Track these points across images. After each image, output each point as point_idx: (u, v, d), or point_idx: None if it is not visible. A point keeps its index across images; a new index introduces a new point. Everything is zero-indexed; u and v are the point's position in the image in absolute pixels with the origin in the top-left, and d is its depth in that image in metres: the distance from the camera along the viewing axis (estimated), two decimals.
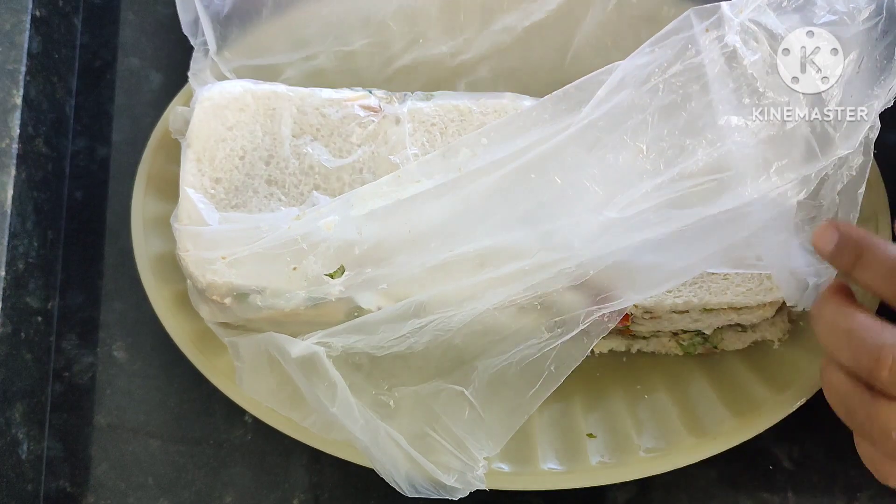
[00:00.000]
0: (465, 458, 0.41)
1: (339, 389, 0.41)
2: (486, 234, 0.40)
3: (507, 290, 0.40)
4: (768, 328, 0.50)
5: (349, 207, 0.43)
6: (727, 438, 0.48)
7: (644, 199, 0.38)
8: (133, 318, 0.57)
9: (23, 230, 0.54)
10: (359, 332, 0.41)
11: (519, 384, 0.41)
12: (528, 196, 0.40)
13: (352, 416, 0.41)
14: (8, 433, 0.51)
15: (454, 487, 0.41)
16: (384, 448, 0.41)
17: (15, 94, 0.54)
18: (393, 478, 0.41)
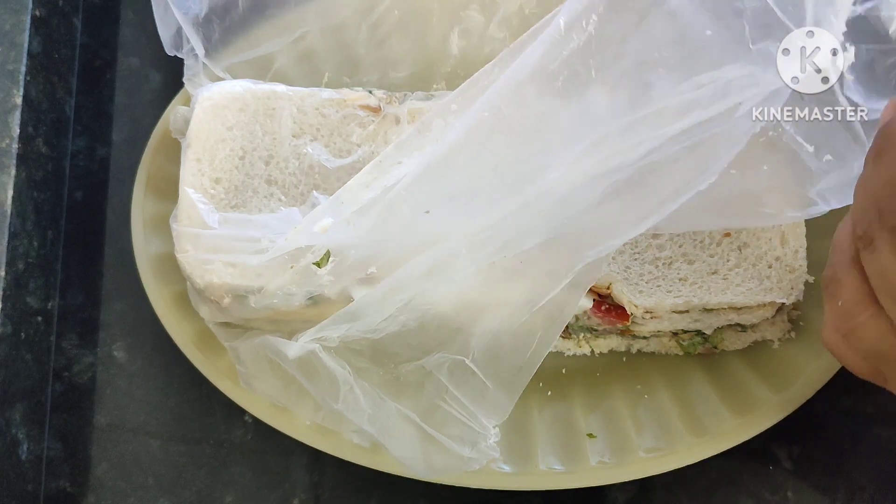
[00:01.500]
0: (477, 427, 0.41)
1: (341, 384, 0.41)
2: (471, 212, 0.39)
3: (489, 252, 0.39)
4: (768, 328, 0.50)
5: (340, 204, 0.43)
6: (727, 438, 0.48)
7: (620, 138, 0.36)
8: (133, 318, 0.57)
9: (23, 230, 0.54)
10: (348, 321, 0.41)
11: (516, 347, 0.40)
12: (507, 156, 0.39)
13: (358, 408, 0.41)
14: (8, 433, 0.51)
15: (471, 458, 0.41)
16: (397, 435, 0.41)
17: (15, 94, 0.54)
18: (410, 464, 0.41)
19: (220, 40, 0.53)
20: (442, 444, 0.40)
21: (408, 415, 0.41)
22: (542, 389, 0.52)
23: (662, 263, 0.47)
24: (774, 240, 0.47)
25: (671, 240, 0.47)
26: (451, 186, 0.39)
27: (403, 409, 0.41)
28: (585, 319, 0.50)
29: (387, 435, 0.42)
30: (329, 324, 0.41)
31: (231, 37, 0.53)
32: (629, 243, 0.47)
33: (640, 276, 0.47)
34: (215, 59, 0.53)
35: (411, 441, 0.41)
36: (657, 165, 0.37)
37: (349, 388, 0.42)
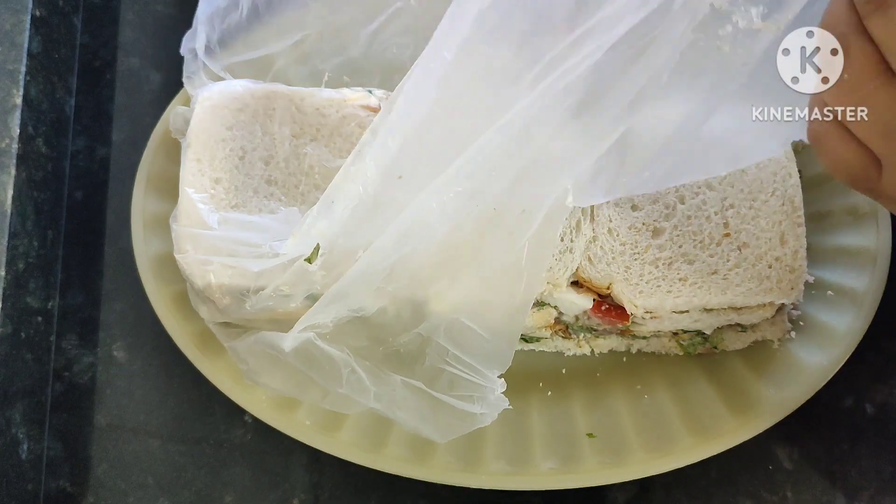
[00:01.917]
0: (482, 381, 0.41)
1: (341, 367, 0.41)
2: (437, 167, 0.39)
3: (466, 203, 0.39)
4: (768, 328, 0.50)
5: (331, 204, 0.42)
6: (727, 438, 0.48)
7: (564, 60, 0.35)
8: (133, 318, 0.57)
9: (23, 230, 0.54)
10: (337, 300, 0.41)
11: (505, 294, 0.40)
12: (461, 107, 0.38)
13: (362, 389, 0.41)
14: (8, 433, 0.51)
15: (482, 414, 0.41)
16: (406, 406, 0.41)
17: (15, 94, 0.54)
18: (423, 432, 0.42)
19: (220, 40, 0.52)
20: (452, 406, 0.41)
21: (413, 384, 0.41)
22: (542, 389, 0.52)
23: (662, 263, 0.47)
24: (774, 240, 0.47)
25: (671, 240, 0.47)
26: (416, 147, 0.39)
27: (408, 379, 0.41)
28: (585, 319, 0.50)
29: (395, 408, 0.42)
30: (319, 307, 0.41)
31: (230, 37, 0.53)
32: (629, 244, 0.47)
33: (640, 277, 0.47)
34: (215, 59, 0.53)
35: (421, 410, 0.41)
36: (607, 78, 0.36)
37: (350, 370, 0.42)
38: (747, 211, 0.47)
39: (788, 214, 0.47)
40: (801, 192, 0.48)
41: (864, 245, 0.50)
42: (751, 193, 0.48)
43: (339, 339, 0.42)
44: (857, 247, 0.51)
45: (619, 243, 0.47)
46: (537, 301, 0.48)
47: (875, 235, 0.50)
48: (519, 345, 0.54)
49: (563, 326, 0.51)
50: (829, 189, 0.52)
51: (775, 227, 0.47)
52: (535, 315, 0.49)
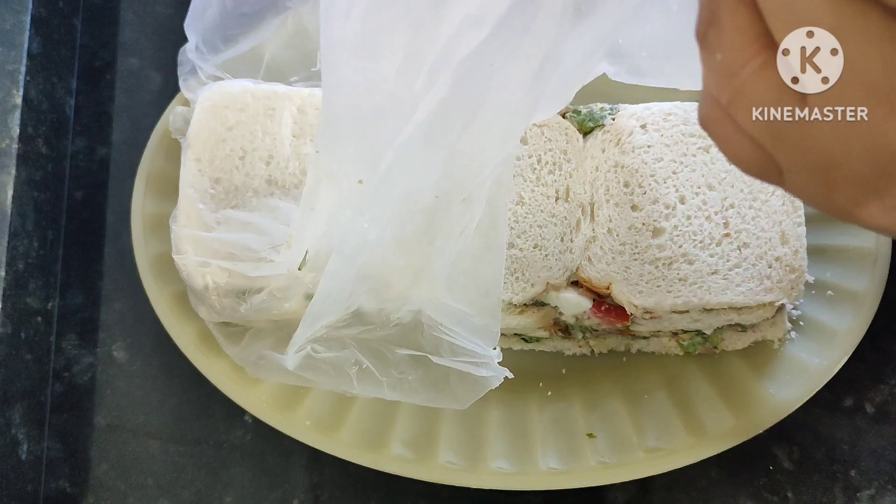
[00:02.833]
0: (479, 349, 0.41)
1: (348, 369, 0.42)
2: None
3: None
4: (768, 328, 0.50)
5: (310, 211, 0.43)
6: (727, 438, 0.48)
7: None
8: (133, 319, 0.57)
9: (23, 230, 0.54)
10: (314, 323, 0.41)
11: (474, 269, 0.40)
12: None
13: (374, 382, 0.42)
14: (8, 433, 0.51)
15: (490, 376, 0.41)
16: (420, 386, 0.42)
17: (15, 94, 0.54)
18: (443, 404, 0.42)
19: (205, 41, 0.52)
20: (460, 372, 0.41)
21: (418, 355, 0.42)
22: (542, 389, 0.52)
23: (662, 263, 0.47)
24: (775, 240, 0.47)
25: (671, 240, 0.47)
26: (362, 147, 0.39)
27: (413, 351, 0.42)
28: (585, 319, 0.50)
29: (411, 392, 0.42)
30: (301, 331, 0.41)
31: (213, 36, 0.52)
32: (629, 244, 0.47)
33: (639, 277, 0.47)
34: (205, 59, 0.52)
35: (434, 383, 0.42)
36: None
37: (358, 367, 0.42)
38: (747, 211, 0.47)
39: (789, 214, 0.47)
40: None
41: (864, 245, 0.50)
42: (751, 193, 0.48)
43: (338, 334, 0.42)
44: (857, 247, 0.51)
45: (619, 243, 0.47)
46: (537, 301, 0.48)
47: (875, 235, 0.50)
48: (519, 345, 0.54)
49: (563, 326, 0.51)
50: None
51: (775, 227, 0.47)
52: (534, 315, 0.49)
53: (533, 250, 0.47)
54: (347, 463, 0.49)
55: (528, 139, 0.49)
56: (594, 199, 0.48)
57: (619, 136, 0.49)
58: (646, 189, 0.48)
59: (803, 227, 0.47)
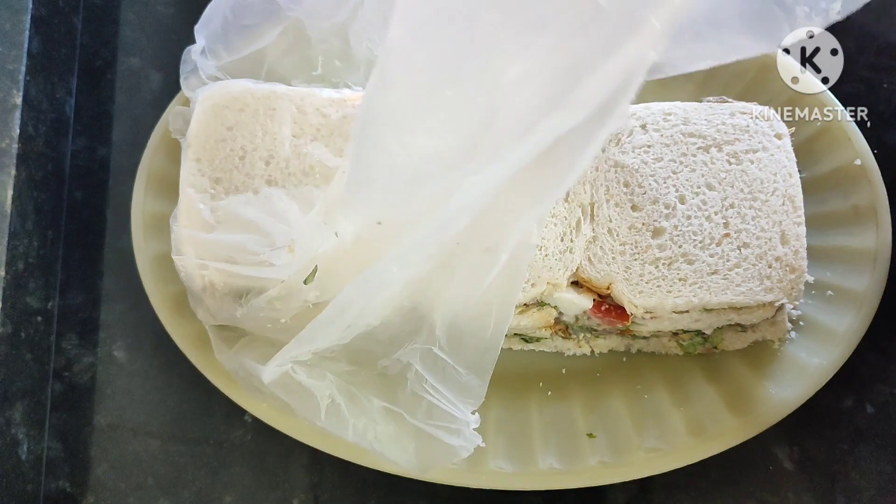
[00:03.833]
0: (458, 413, 0.41)
1: (320, 400, 0.42)
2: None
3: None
4: (768, 328, 0.50)
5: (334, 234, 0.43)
6: (727, 438, 0.48)
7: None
8: (133, 319, 0.57)
9: (23, 230, 0.54)
10: (306, 343, 0.41)
11: (475, 330, 0.40)
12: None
13: (341, 422, 0.41)
14: (8, 433, 0.51)
15: (460, 447, 0.41)
16: (386, 438, 0.41)
17: (15, 94, 0.54)
18: (403, 464, 0.42)
19: (209, 44, 0.52)
20: (430, 436, 0.41)
21: (394, 410, 0.41)
22: (542, 389, 0.52)
23: (662, 263, 0.47)
24: (775, 240, 0.47)
25: (671, 240, 0.47)
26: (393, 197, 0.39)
27: (390, 405, 0.41)
28: (585, 319, 0.50)
29: (375, 441, 0.42)
30: (288, 350, 0.41)
31: (219, 43, 0.52)
32: (629, 244, 0.47)
33: (640, 277, 0.47)
34: (207, 59, 0.52)
35: (401, 441, 0.41)
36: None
37: (330, 402, 0.42)
38: (747, 211, 0.47)
39: (789, 214, 0.47)
40: (801, 192, 0.48)
41: (864, 245, 0.50)
42: (751, 193, 0.48)
43: (321, 364, 0.42)
44: (857, 247, 0.51)
45: (619, 243, 0.47)
46: (537, 301, 0.48)
47: (875, 235, 0.50)
48: (519, 345, 0.54)
49: (563, 326, 0.51)
50: (829, 189, 0.52)
51: (775, 227, 0.47)
52: (535, 315, 0.49)
53: None
54: (347, 463, 0.49)
55: None
56: (594, 199, 0.48)
57: (619, 136, 0.49)
58: (646, 189, 0.48)
59: (803, 227, 0.47)
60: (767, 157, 0.48)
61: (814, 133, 0.53)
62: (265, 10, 0.51)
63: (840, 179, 0.52)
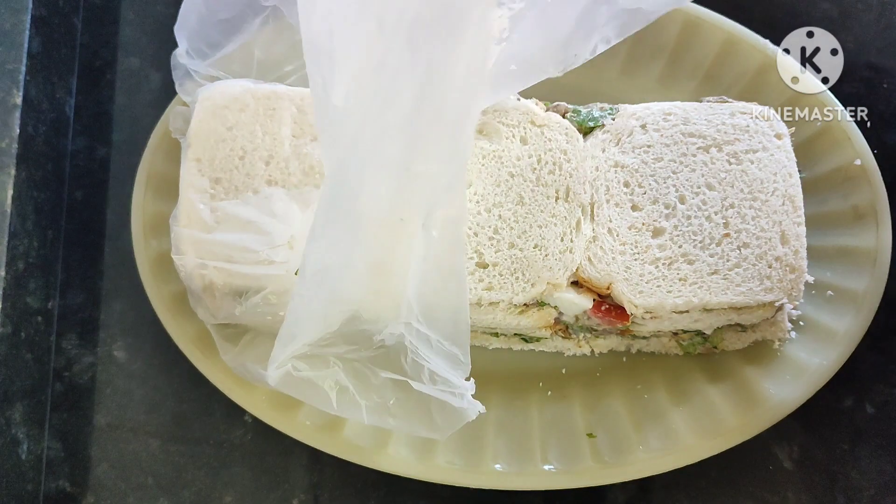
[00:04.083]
0: (456, 381, 0.41)
1: (328, 389, 0.42)
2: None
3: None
4: (768, 328, 0.50)
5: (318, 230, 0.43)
6: (727, 438, 0.48)
7: None
8: (133, 318, 0.57)
9: (23, 230, 0.54)
10: (289, 343, 0.41)
11: (438, 300, 0.41)
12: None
13: (353, 406, 0.42)
14: (8, 433, 0.51)
15: (467, 408, 0.41)
16: (398, 412, 0.42)
17: (15, 94, 0.54)
18: (419, 433, 0.42)
19: (193, 45, 0.51)
20: (439, 402, 0.41)
21: (400, 379, 0.42)
22: (542, 389, 0.52)
23: (662, 263, 0.47)
24: (775, 240, 0.47)
25: (671, 240, 0.47)
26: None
27: (395, 375, 0.42)
28: (585, 319, 0.50)
29: (389, 417, 0.42)
30: (278, 352, 0.41)
31: (200, 41, 0.51)
32: (629, 244, 0.47)
33: (640, 277, 0.47)
34: (196, 63, 0.52)
35: (413, 411, 0.42)
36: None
37: (338, 388, 0.42)
38: (747, 211, 0.47)
39: (789, 214, 0.47)
40: (801, 192, 0.48)
41: (864, 245, 0.50)
42: (751, 193, 0.48)
43: (322, 352, 0.42)
44: (857, 247, 0.51)
45: (619, 243, 0.47)
46: (537, 301, 0.48)
47: (875, 235, 0.50)
48: (519, 345, 0.54)
49: (563, 326, 0.51)
50: (828, 189, 0.52)
51: (775, 227, 0.47)
52: (535, 315, 0.49)
53: (533, 250, 0.47)
54: (347, 463, 0.49)
55: (528, 139, 0.49)
56: (594, 198, 0.48)
57: (619, 136, 0.49)
58: (646, 189, 0.48)
59: (803, 227, 0.47)
60: (767, 157, 0.48)
61: (814, 133, 0.53)
62: (240, 1, 0.51)
63: (840, 179, 0.52)
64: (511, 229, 0.48)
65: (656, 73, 0.57)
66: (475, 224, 0.48)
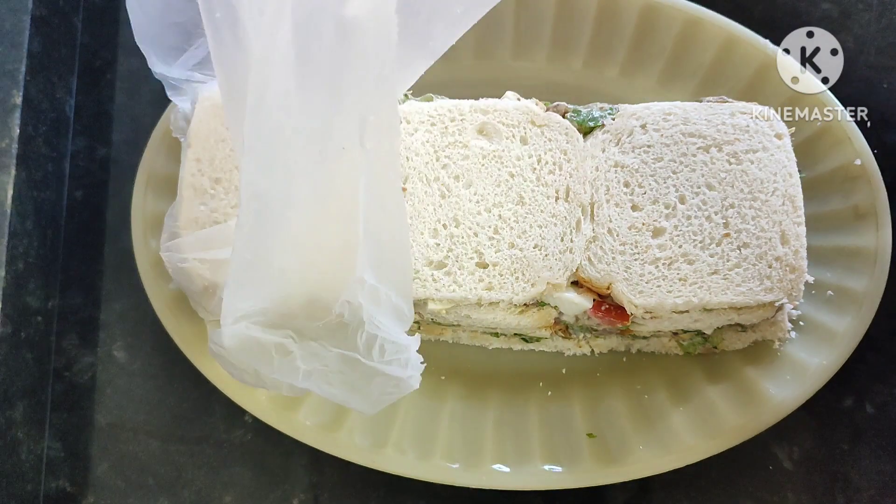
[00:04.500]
0: (399, 339, 0.41)
1: (274, 353, 0.41)
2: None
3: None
4: (768, 328, 0.50)
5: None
6: (727, 438, 0.48)
7: None
8: (133, 318, 0.57)
9: (23, 230, 0.54)
10: (234, 295, 0.40)
11: (384, 239, 0.40)
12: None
13: (291, 369, 0.41)
14: (8, 433, 0.51)
15: (408, 377, 0.41)
16: (338, 380, 0.41)
17: (15, 94, 0.54)
18: (353, 404, 0.42)
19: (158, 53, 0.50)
20: (384, 374, 0.41)
21: (350, 356, 0.41)
22: (542, 389, 0.52)
23: (663, 263, 0.47)
24: (775, 240, 0.47)
25: (671, 240, 0.47)
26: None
27: (346, 352, 0.41)
28: (585, 319, 0.50)
29: (326, 385, 0.42)
30: (227, 304, 0.40)
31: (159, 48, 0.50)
32: (629, 244, 0.47)
33: (640, 277, 0.47)
34: (170, 69, 0.51)
35: (354, 382, 0.41)
36: None
37: (283, 352, 0.42)
38: (747, 211, 0.47)
39: (789, 214, 0.47)
40: (801, 192, 0.48)
41: (864, 245, 0.50)
42: (751, 193, 0.48)
43: (281, 322, 0.42)
44: (857, 247, 0.51)
45: (619, 243, 0.47)
46: (537, 301, 0.48)
47: (875, 235, 0.50)
48: (519, 345, 0.54)
49: (563, 326, 0.51)
50: (829, 189, 0.52)
51: (775, 227, 0.47)
52: (535, 315, 0.49)
53: (533, 250, 0.47)
54: (347, 463, 0.49)
55: (528, 139, 0.49)
56: (594, 198, 0.48)
57: (619, 136, 0.49)
58: (646, 189, 0.48)
59: (803, 227, 0.47)
60: (767, 157, 0.48)
61: (814, 133, 0.53)
62: (189, 5, 0.50)
63: (840, 179, 0.52)
64: (511, 229, 0.48)
65: (656, 73, 0.57)
66: (475, 224, 0.48)
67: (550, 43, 0.58)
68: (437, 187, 0.49)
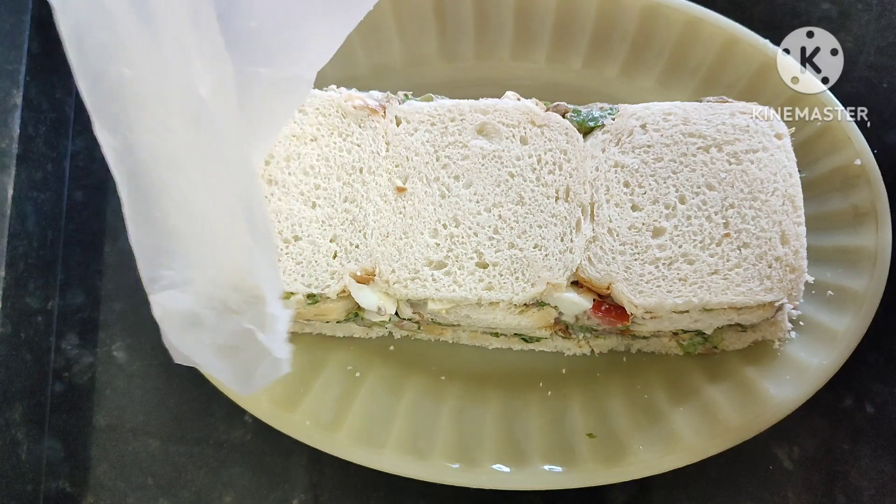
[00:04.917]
0: (274, 309, 0.39)
1: (185, 322, 0.41)
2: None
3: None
4: (768, 328, 0.50)
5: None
6: (727, 438, 0.48)
7: None
8: (133, 319, 0.57)
9: (23, 230, 0.54)
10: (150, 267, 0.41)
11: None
12: None
13: (190, 338, 0.41)
14: (8, 433, 0.51)
15: (281, 360, 0.39)
16: (221, 355, 0.41)
17: (15, 94, 0.54)
18: (231, 386, 0.41)
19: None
20: (267, 352, 0.39)
21: (246, 327, 0.40)
22: (542, 389, 0.52)
23: (663, 264, 0.47)
24: (775, 240, 0.47)
25: (671, 240, 0.47)
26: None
27: (248, 325, 0.40)
28: (585, 319, 0.50)
29: (215, 359, 0.41)
30: (144, 271, 0.41)
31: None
32: (629, 244, 0.47)
33: (640, 277, 0.47)
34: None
35: (244, 361, 0.40)
36: None
37: (193, 321, 0.41)
38: (747, 211, 0.47)
39: (789, 214, 0.47)
40: (801, 192, 0.48)
41: (864, 245, 0.50)
42: (751, 193, 0.48)
43: (208, 294, 0.42)
44: (857, 247, 0.51)
45: (620, 243, 0.47)
46: (537, 301, 0.48)
47: (875, 235, 0.50)
48: (519, 345, 0.54)
49: (563, 326, 0.51)
50: (828, 189, 0.52)
51: (775, 227, 0.47)
52: (535, 315, 0.49)
53: (533, 250, 0.47)
54: (347, 463, 0.49)
55: (528, 139, 0.49)
56: (594, 199, 0.48)
57: (619, 136, 0.49)
58: (646, 189, 0.48)
59: (803, 227, 0.47)
60: (767, 157, 0.48)
61: (814, 133, 0.53)
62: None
63: (840, 179, 0.52)
64: (511, 229, 0.48)
65: (656, 73, 0.57)
66: (475, 224, 0.48)
67: (550, 43, 0.58)
68: (437, 187, 0.49)
